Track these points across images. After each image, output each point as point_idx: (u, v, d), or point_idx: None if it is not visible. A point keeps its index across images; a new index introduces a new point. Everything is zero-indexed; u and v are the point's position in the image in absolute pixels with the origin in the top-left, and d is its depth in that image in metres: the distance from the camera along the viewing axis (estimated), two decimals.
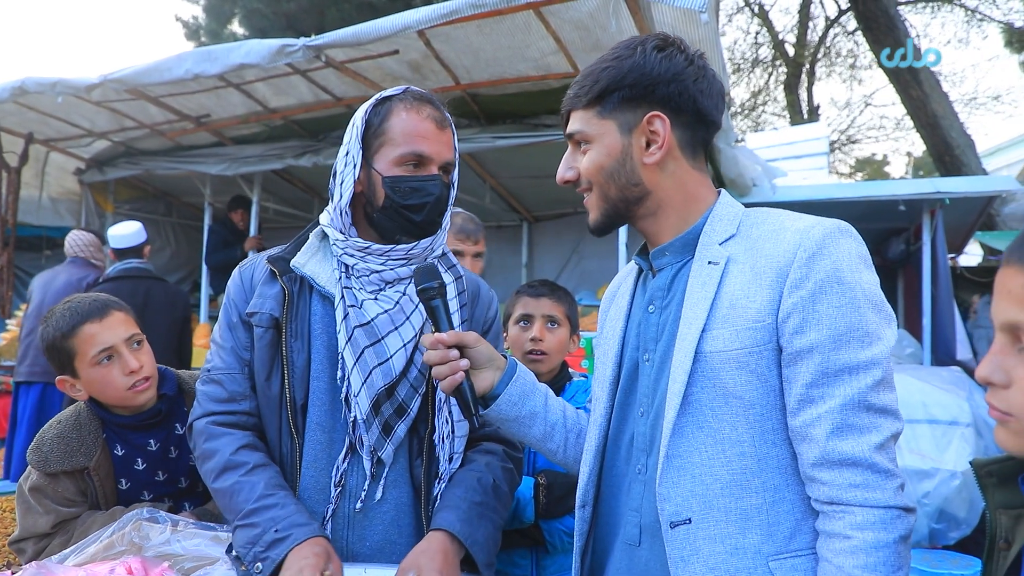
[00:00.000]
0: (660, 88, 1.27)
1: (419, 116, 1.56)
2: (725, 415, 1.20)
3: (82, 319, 1.82)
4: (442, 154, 1.58)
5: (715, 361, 1.20)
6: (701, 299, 1.23)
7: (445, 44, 4.75)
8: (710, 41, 4.37)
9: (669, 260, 1.34)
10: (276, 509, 1.45)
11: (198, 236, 7.77)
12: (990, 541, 1.01)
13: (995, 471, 1.01)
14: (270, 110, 5.97)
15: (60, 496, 1.81)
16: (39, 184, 7.53)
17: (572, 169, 1.36)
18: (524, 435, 1.48)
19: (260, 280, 1.62)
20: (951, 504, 3.88)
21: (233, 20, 15.33)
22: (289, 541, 1.39)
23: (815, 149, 9.15)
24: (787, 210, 1.32)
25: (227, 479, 1.51)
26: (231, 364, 1.60)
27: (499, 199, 7.44)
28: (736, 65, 18.00)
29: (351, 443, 1.56)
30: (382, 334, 1.54)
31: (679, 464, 1.21)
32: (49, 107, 5.97)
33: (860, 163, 24.81)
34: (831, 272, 1.15)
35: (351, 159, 1.57)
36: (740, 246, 1.26)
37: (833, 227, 1.20)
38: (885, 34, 9.38)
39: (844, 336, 1.13)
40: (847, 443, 1.11)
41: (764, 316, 1.18)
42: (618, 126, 1.29)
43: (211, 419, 1.58)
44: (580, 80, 1.33)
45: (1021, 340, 0.87)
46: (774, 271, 1.19)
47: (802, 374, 1.15)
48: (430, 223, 1.59)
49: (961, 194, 5.47)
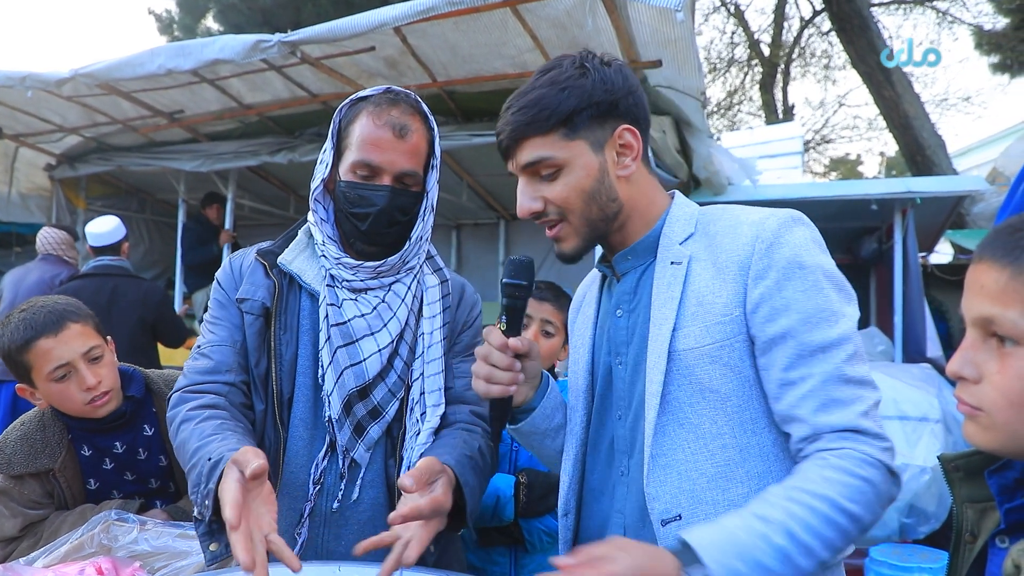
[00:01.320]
0: (622, 102, 1.28)
1: (377, 123, 1.50)
2: (704, 410, 1.22)
3: (36, 334, 1.75)
4: (396, 164, 1.52)
5: (688, 358, 1.22)
6: (668, 299, 1.25)
7: (421, 41, 4.73)
8: (686, 40, 4.40)
9: (632, 264, 1.35)
10: (215, 442, 1.34)
11: (172, 233, 7.68)
12: (956, 534, 1.03)
13: (962, 466, 1.03)
14: (245, 106, 5.91)
15: (26, 499, 1.78)
16: (8, 180, 7.38)
17: (538, 199, 1.30)
18: (544, 447, 1.47)
19: (248, 271, 1.61)
20: (921, 499, 3.94)
21: (207, 15, 15.15)
22: (222, 464, 1.26)
23: (789, 148, 9.25)
24: (740, 205, 1.35)
25: (181, 432, 1.43)
26: (223, 337, 1.56)
27: (476, 197, 7.43)
28: (712, 64, 18.13)
29: (331, 441, 1.55)
30: (356, 336, 1.54)
31: (664, 463, 1.23)
32: (18, 101, 5.86)
33: (834, 163, 25.12)
34: (791, 259, 1.18)
35: (326, 157, 1.58)
36: (700, 244, 1.28)
37: (786, 216, 1.23)
38: (858, 35, 9.48)
39: (813, 317, 1.16)
40: (834, 416, 1.13)
41: (732, 309, 1.20)
42: (589, 145, 1.27)
43: (185, 389, 1.52)
44: (525, 107, 1.25)
45: (992, 336, 0.89)
46: (736, 265, 1.22)
47: (779, 360, 1.18)
48: (377, 233, 1.55)
49: (932, 194, 5.55)
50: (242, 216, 7.73)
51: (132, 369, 1.97)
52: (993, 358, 0.88)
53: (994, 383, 0.88)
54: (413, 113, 1.55)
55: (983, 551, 0.98)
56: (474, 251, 8.73)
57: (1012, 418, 0.87)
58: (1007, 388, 0.86)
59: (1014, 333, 0.86)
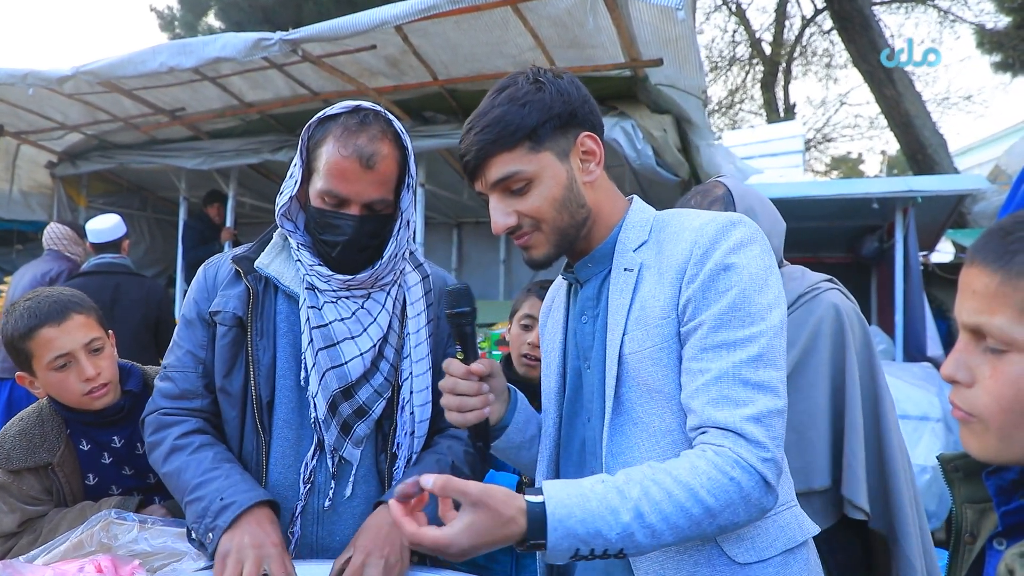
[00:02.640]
0: (579, 110, 1.31)
1: (344, 152, 1.47)
2: (652, 409, 1.25)
3: (40, 322, 1.77)
4: (363, 194, 1.50)
5: (634, 361, 1.25)
6: (620, 306, 1.28)
7: (423, 39, 4.73)
8: (687, 38, 4.40)
9: (593, 271, 1.37)
10: (221, 480, 1.46)
11: (173, 231, 7.69)
12: (956, 535, 1.03)
13: (961, 466, 1.02)
14: (246, 104, 5.91)
15: (25, 494, 1.78)
16: (10, 178, 7.39)
17: (512, 214, 1.31)
18: (520, 458, 1.50)
19: (224, 280, 1.63)
20: (922, 498, 3.94)
21: (209, 12, 15.16)
22: (235, 507, 1.40)
23: (790, 147, 9.25)
24: (693, 209, 1.36)
25: (174, 461, 1.52)
26: (185, 362, 1.61)
27: (477, 195, 7.42)
28: (714, 63, 18.13)
29: (319, 441, 1.57)
30: (337, 339, 1.55)
31: (622, 460, 1.26)
32: (20, 99, 5.88)
33: (836, 161, 25.10)
34: (719, 261, 1.20)
35: (296, 172, 1.57)
36: (651, 251, 1.30)
37: (726, 220, 1.25)
38: (860, 34, 9.48)
39: (726, 315, 1.17)
40: (721, 413, 1.14)
41: (668, 312, 1.23)
42: (555, 155, 1.29)
43: (160, 412, 1.60)
44: (489, 126, 1.27)
45: (984, 340, 0.88)
46: (674, 270, 1.24)
47: (688, 351, 1.20)
48: (347, 260, 1.56)
49: (932, 192, 5.55)
50: (243, 214, 7.74)
51: (131, 365, 1.98)
52: (986, 362, 0.87)
53: (986, 388, 0.87)
54: (382, 137, 1.51)
55: (982, 551, 0.98)
56: (475, 249, 8.74)
57: (1005, 423, 0.85)
58: (999, 393, 0.85)
59: (1004, 338, 0.85)
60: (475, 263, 8.62)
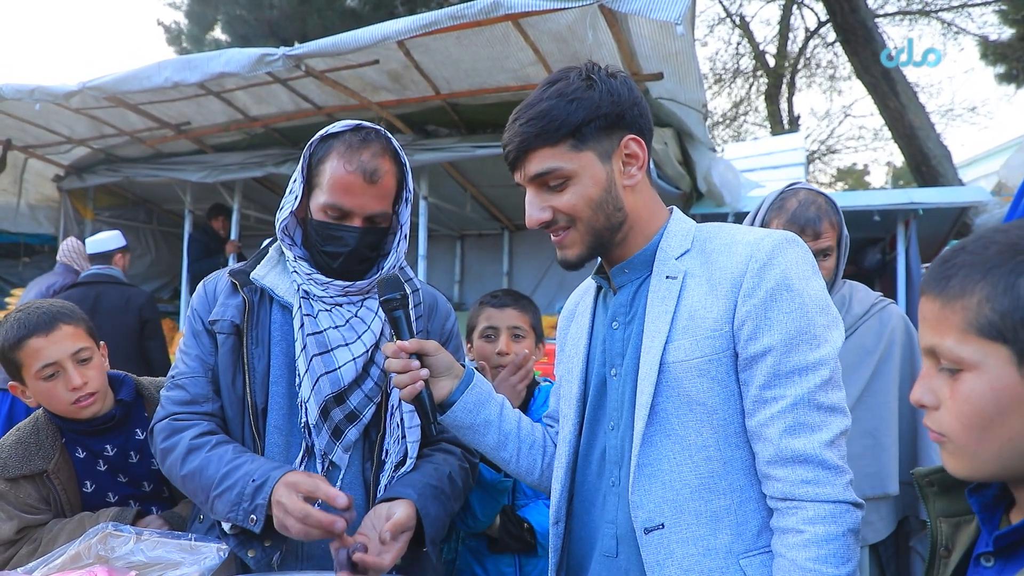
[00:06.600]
0: (628, 113, 1.30)
1: (348, 167, 1.54)
2: (690, 422, 1.24)
3: (28, 332, 1.81)
4: (367, 207, 1.58)
5: (678, 370, 1.24)
6: (662, 312, 1.27)
7: (425, 55, 4.78)
8: (686, 53, 4.43)
9: (629, 277, 1.38)
10: (248, 464, 1.50)
11: (178, 243, 7.74)
12: (932, 549, 1.04)
13: (936, 480, 1.04)
14: (251, 118, 5.97)
15: (22, 502, 1.81)
16: (17, 191, 7.47)
17: (547, 209, 1.32)
18: (479, 443, 1.51)
19: (222, 292, 1.69)
20: None
21: (215, 26, 15.28)
22: (270, 482, 1.44)
23: (792, 160, 9.25)
24: (736, 224, 1.37)
25: (193, 460, 1.54)
26: (195, 368, 1.65)
27: (480, 208, 7.47)
28: (717, 75, 18.16)
29: (307, 446, 1.60)
30: (331, 346, 1.60)
31: (649, 472, 1.25)
32: (27, 113, 5.94)
33: (841, 173, 25.09)
34: (780, 280, 1.21)
35: (296, 188, 1.64)
36: (696, 260, 1.30)
37: (781, 238, 1.26)
38: (863, 46, 9.49)
39: (794, 340, 1.19)
40: (799, 440, 1.16)
41: (721, 325, 1.23)
42: (597, 155, 1.30)
43: (172, 418, 1.63)
44: (534, 119, 1.28)
45: (939, 362, 0.91)
46: (729, 282, 1.24)
47: (756, 377, 1.21)
48: (348, 271, 1.63)
49: (934, 205, 5.57)
50: (247, 227, 7.78)
51: (124, 375, 2.01)
52: (945, 384, 0.91)
53: (949, 408, 0.90)
54: (383, 154, 1.59)
55: (960, 565, 0.99)
56: (477, 261, 8.76)
57: (970, 440, 0.88)
58: (959, 412, 0.88)
59: (952, 359, 0.88)
60: (477, 275, 8.64)
